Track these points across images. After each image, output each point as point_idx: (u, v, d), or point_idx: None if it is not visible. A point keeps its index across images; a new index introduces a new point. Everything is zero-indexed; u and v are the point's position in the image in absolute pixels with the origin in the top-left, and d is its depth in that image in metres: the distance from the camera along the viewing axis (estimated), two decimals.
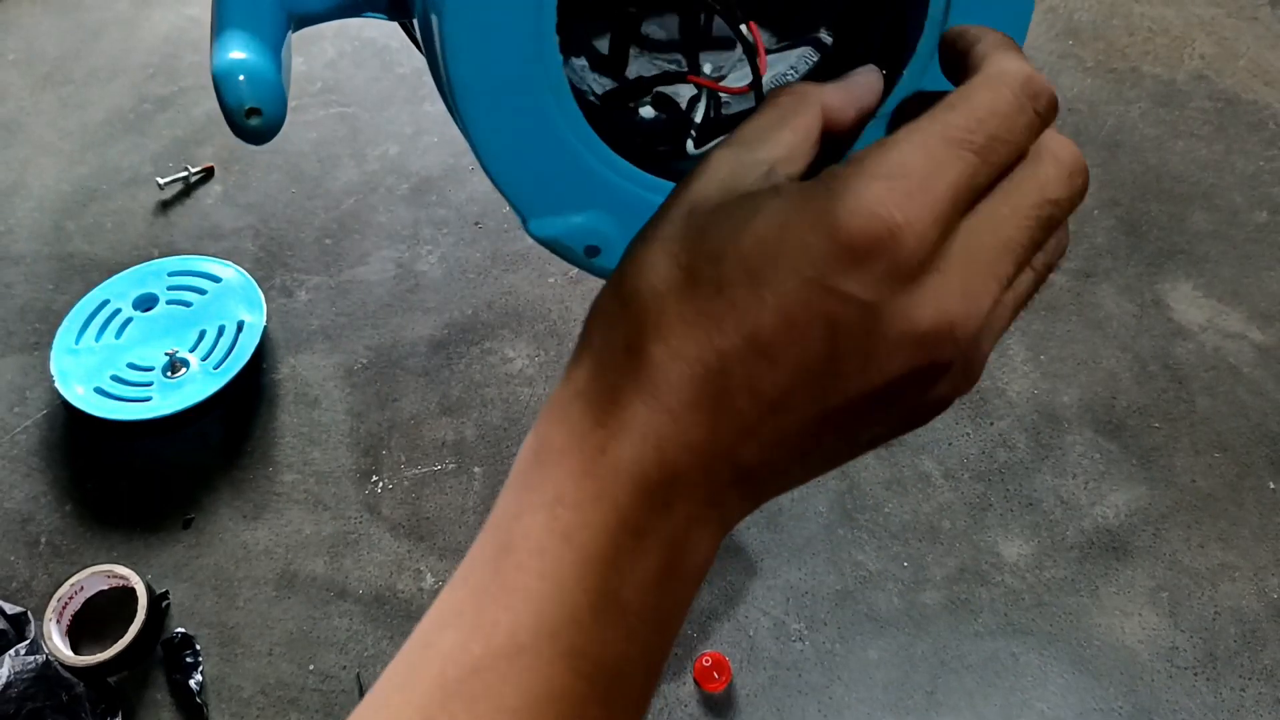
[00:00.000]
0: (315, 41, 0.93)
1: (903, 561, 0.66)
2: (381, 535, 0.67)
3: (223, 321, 0.75)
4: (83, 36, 0.95)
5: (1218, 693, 0.61)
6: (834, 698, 0.61)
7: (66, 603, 0.63)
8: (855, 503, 0.68)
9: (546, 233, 0.34)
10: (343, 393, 0.73)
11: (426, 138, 0.86)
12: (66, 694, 0.58)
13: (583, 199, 0.35)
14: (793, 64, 0.40)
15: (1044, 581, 0.65)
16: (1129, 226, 0.80)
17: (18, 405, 0.73)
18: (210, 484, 0.69)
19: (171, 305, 0.76)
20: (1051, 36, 0.91)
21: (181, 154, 0.86)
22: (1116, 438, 0.70)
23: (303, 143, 0.87)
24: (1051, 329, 0.75)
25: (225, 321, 0.75)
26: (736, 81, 0.39)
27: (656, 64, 0.41)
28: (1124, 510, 0.67)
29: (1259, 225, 0.79)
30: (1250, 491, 0.68)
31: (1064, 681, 0.61)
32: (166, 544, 0.67)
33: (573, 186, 0.35)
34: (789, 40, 0.41)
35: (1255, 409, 0.71)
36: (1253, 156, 0.83)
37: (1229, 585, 0.64)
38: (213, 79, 0.32)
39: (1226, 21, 0.90)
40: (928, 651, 0.62)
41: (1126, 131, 0.85)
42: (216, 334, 0.74)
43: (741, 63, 0.39)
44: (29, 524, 0.68)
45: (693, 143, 0.38)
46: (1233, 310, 0.75)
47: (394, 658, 0.23)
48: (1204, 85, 0.87)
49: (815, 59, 0.39)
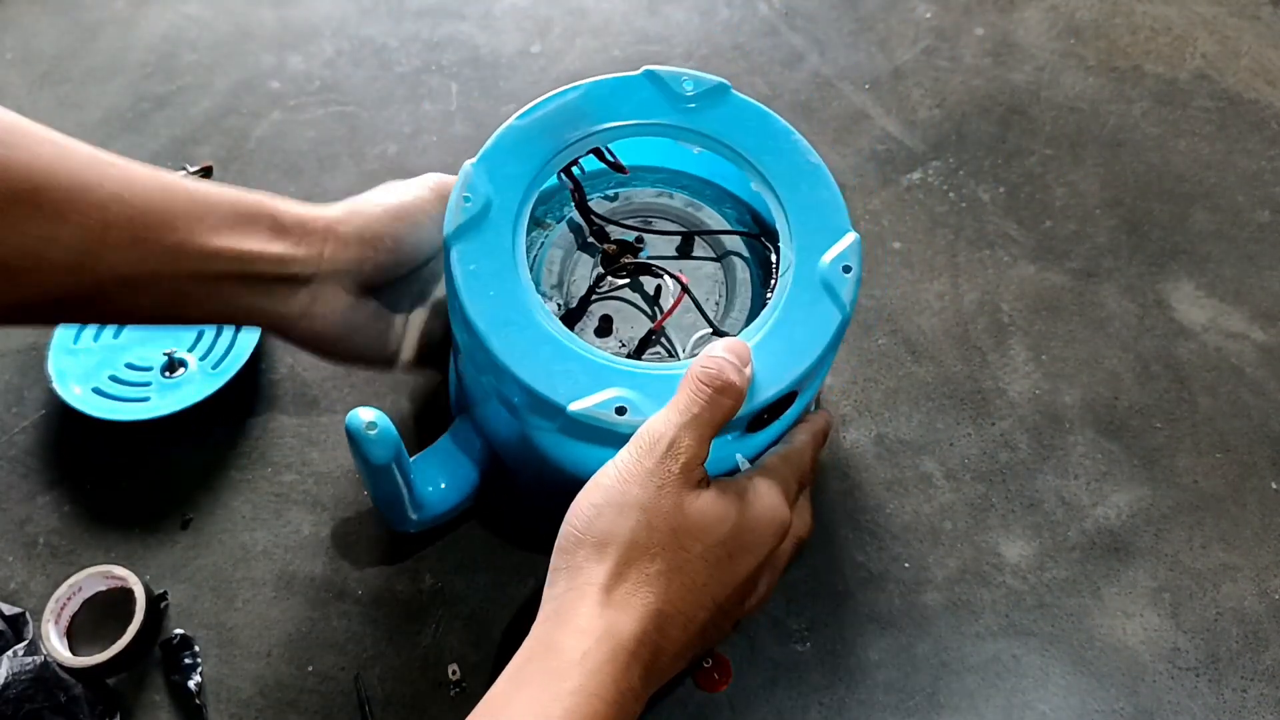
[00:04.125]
0: (313, 40, 0.93)
1: (904, 562, 0.65)
2: (381, 536, 0.67)
3: None
4: (80, 35, 0.95)
5: (1220, 694, 0.61)
6: (835, 698, 0.61)
7: (64, 604, 0.63)
8: (856, 504, 0.68)
9: (580, 411, 0.48)
10: (342, 393, 0.73)
11: (426, 137, 0.86)
12: (65, 695, 0.58)
13: (598, 383, 0.50)
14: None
15: (1045, 582, 0.65)
16: (1131, 226, 0.80)
17: (15, 405, 0.73)
18: (209, 485, 0.69)
19: None
20: (1053, 36, 0.91)
21: (180, 153, 0.86)
22: (1118, 438, 0.70)
23: (301, 141, 0.86)
24: (1053, 329, 0.75)
25: None
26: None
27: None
28: (1126, 511, 0.67)
29: (1261, 225, 0.79)
30: (1252, 492, 0.68)
31: (1065, 682, 0.61)
32: (165, 545, 0.67)
33: (590, 377, 0.50)
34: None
35: (1258, 409, 0.71)
36: (1255, 156, 0.82)
37: (1231, 586, 0.64)
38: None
39: (1229, 21, 0.90)
40: (929, 652, 0.62)
41: (1128, 130, 0.85)
42: (215, 333, 0.73)
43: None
44: (27, 525, 0.68)
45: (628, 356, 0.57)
46: (1235, 310, 0.75)
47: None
48: (1206, 84, 0.87)
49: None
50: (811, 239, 0.55)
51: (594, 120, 0.58)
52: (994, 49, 0.90)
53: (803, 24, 0.93)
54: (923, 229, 0.80)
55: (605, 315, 0.59)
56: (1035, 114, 0.86)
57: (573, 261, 0.61)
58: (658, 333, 0.58)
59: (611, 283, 0.60)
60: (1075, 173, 0.82)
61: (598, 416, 0.48)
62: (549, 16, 0.95)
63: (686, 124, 0.58)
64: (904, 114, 0.87)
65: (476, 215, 0.53)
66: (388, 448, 0.51)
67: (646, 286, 0.60)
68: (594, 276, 0.60)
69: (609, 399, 0.48)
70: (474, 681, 0.62)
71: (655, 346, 0.58)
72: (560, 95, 0.58)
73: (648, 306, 0.60)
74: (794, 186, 0.56)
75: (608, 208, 0.63)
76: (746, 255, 0.61)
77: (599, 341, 0.58)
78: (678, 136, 0.59)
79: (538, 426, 0.51)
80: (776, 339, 0.52)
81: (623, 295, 0.60)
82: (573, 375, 0.49)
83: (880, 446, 0.70)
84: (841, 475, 0.69)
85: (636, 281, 0.60)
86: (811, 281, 0.53)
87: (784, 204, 0.56)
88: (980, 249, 0.79)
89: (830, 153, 0.85)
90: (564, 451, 0.53)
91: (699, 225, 0.62)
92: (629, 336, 0.58)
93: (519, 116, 0.57)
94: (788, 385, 0.50)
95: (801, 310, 0.52)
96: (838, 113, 0.87)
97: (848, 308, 0.53)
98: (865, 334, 0.75)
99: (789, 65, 0.90)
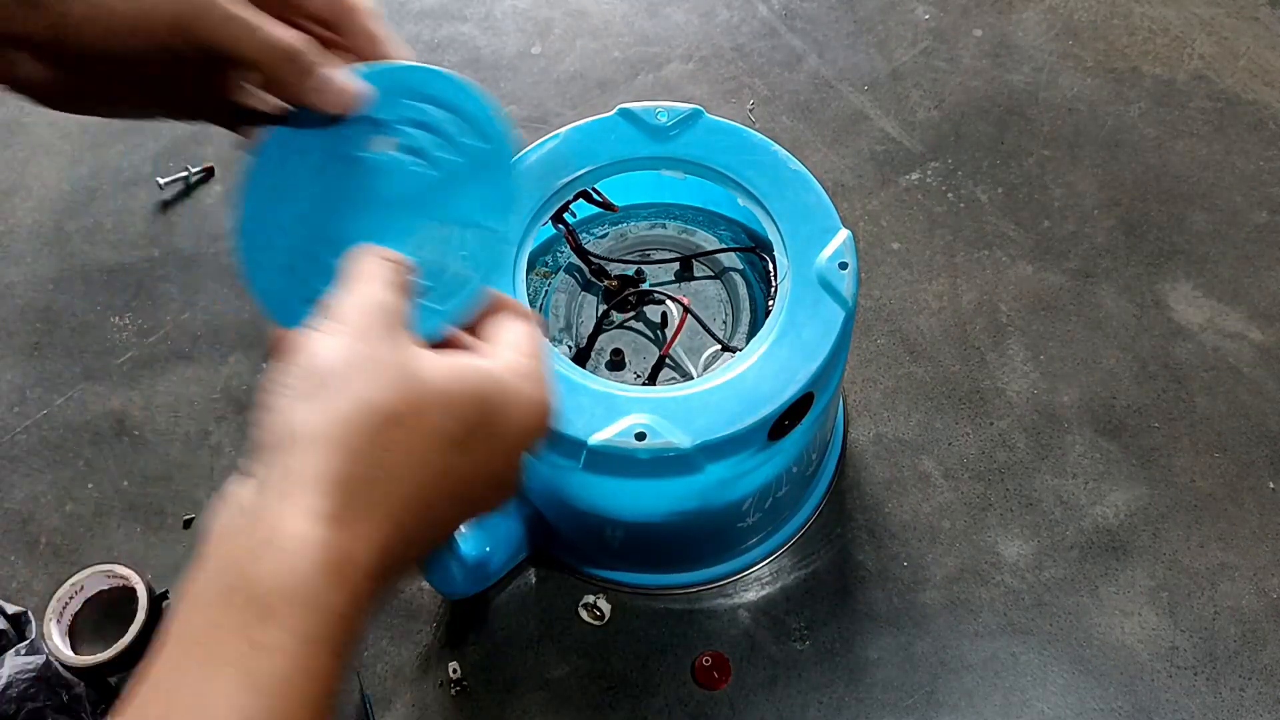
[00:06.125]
0: None
1: (902, 561, 0.66)
2: None
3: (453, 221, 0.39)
4: None
5: (1217, 692, 0.61)
6: (834, 696, 0.61)
7: (67, 603, 0.63)
8: (855, 503, 0.68)
9: (601, 443, 0.49)
10: None
11: None
12: (67, 694, 0.58)
13: (615, 414, 0.51)
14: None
15: (1044, 581, 0.65)
16: (1129, 226, 0.80)
17: (18, 405, 0.74)
18: (210, 484, 0.70)
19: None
20: (1051, 37, 0.91)
21: (181, 154, 0.86)
22: (1116, 438, 0.70)
23: None
24: (1051, 329, 0.75)
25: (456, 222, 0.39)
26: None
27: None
28: (1124, 510, 0.67)
29: (1259, 225, 0.79)
30: (1250, 491, 0.68)
31: (1064, 681, 0.61)
32: (167, 544, 0.67)
33: (606, 408, 0.51)
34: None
35: (1255, 409, 0.71)
36: (1253, 156, 0.83)
37: (1229, 585, 0.64)
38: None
39: (1226, 21, 0.90)
40: (927, 651, 0.62)
41: (1126, 131, 0.85)
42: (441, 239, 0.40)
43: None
44: (29, 524, 0.68)
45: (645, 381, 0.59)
46: (1233, 310, 0.75)
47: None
48: (1204, 85, 0.87)
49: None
50: (805, 243, 0.55)
51: (576, 165, 0.59)
52: (992, 50, 0.90)
53: (802, 25, 0.93)
54: (921, 229, 0.80)
55: (616, 349, 0.60)
56: (1033, 115, 0.86)
57: (578, 303, 0.62)
58: (667, 357, 0.59)
59: (618, 317, 0.61)
60: (1073, 173, 0.83)
61: (619, 445, 0.49)
62: (549, 18, 0.95)
63: (666, 153, 0.59)
64: (903, 115, 0.87)
65: None
66: None
67: (652, 315, 0.62)
68: (599, 313, 0.61)
69: (627, 426, 0.49)
70: (475, 680, 0.62)
71: (668, 371, 0.59)
72: (539, 146, 0.59)
73: (655, 334, 0.61)
74: (780, 196, 0.57)
75: (605, 246, 0.64)
76: (745, 270, 0.62)
77: (613, 376, 0.59)
78: (659, 166, 0.60)
79: (563, 466, 0.52)
80: (785, 343, 0.52)
81: (631, 327, 0.61)
82: (588, 410, 0.50)
83: (879, 446, 0.70)
84: (839, 474, 0.69)
85: (641, 312, 0.62)
86: (811, 283, 0.54)
87: (772, 214, 0.57)
88: (979, 249, 0.79)
89: (829, 153, 0.85)
90: (591, 490, 0.54)
91: (695, 249, 0.64)
92: (642, 367, 0.60)
93: None
94: (803, 387, 0.51)
95: (805, 312, 0.53)
96: (837, 114, 0.87)
97: (849, 303, 0.53)
98: (864, 334, 0.75)
99: (788, 67, 0.91)
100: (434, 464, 0.30)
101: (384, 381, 0.30)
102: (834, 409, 0.62)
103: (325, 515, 0.28)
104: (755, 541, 0.64)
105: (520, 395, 0.33)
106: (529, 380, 0.34)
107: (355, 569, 0.28)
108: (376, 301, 0.32)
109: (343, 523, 0.28)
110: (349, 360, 0.30)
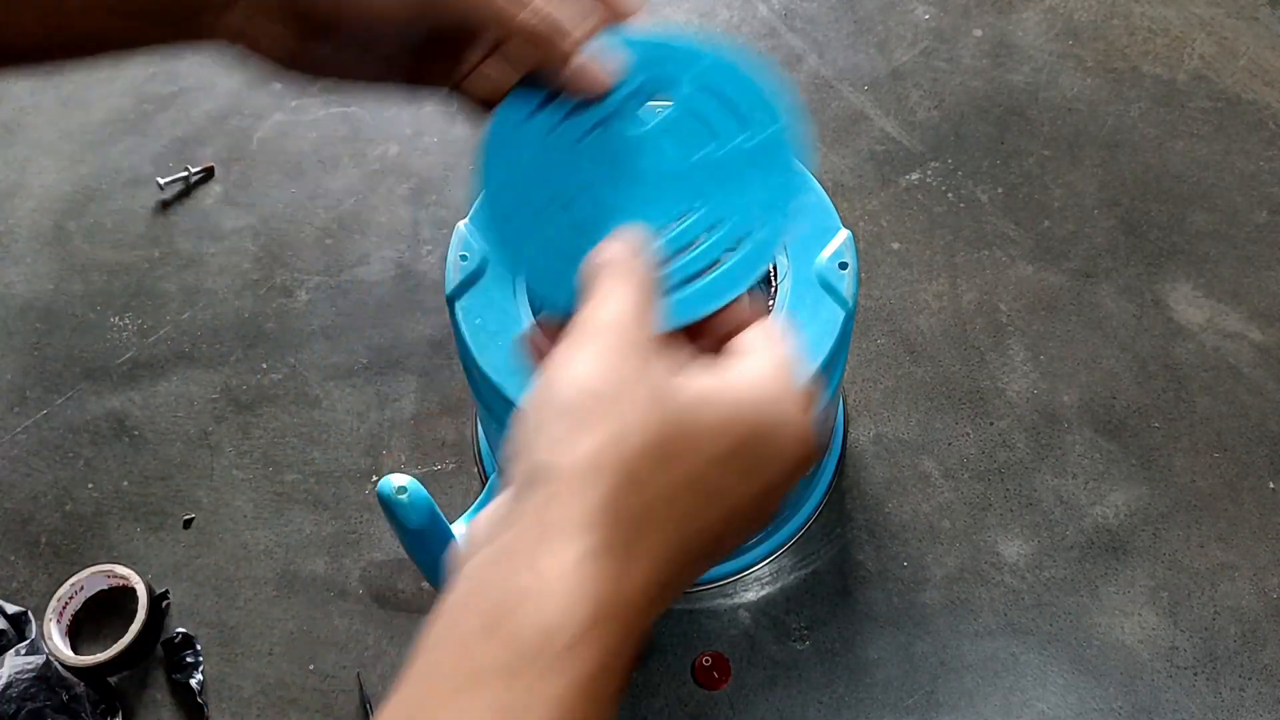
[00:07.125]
0: None
1: (902, 561, 0.66)
2: (382, 535, 0.67)
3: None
4: None
5: (1217, 692, 0.61)
6: (834, 696, 0.61)
7: (67, 602, 0.63)
8: (855, 503, 0.68)
9: None
10: (343, 393, 0.73)
11: (426, 138, 0.86)
12: (67, 694, 0.59)
13: None
14: None
15: (1044, 581, 0.65)
16: (1129, 226, 0.80)
17: (18, 405, 0.74)
18: (210, 484, 0.70)
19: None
20: (1051, 37, 0.91)
21: (182, 154, 0.86)
22: (1116, 438, 0.70)
23: (303, 142, 0.87)
24: (1051, 329, 0.75)
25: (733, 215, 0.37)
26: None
27: None
28: (1124, 510, 0.67)
29: (1259, 225, 0.79)
30: (1250, 491, 0.68)
31: (1064, 681, 0.61)
32: (167, 544, 0.67)
33: None
34: None
35: (1255, 409, 0.71)
36: (1253, 156, 0.83)
37: (1229, 585, 0.64)
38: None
39: (1226, 21, 0.90)
40: (928, 651, 0.62)
41: (1126, 131, 0.85)
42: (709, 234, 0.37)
43: None
44: (29, 524, 0.68)
45: None
46: (1232, 310, 0.75)
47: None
48: (1204, 85, 0.87)
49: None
50: (805, 244, 0.55)
51: None
52: (992, 50, 0.90)
53: (802, 25, 0.93)
54: (921, 229, 0.80)
55: None
56: (1033, 115, 0.86)
57: None
58: None
59: None
60: (1073, 173, 0.83)
61: None
62: None
63: None
64: (903, 115, 0.87)
65: (475, 271, 0.55)
66: (421, 512, 0.50)
67: None
68: None
69: None
70: None
71: None
72: None
73: None
74: None
75: None
76: None
77: None
78: None
79: None
80: None
81: None
82: None
83: (879, 446, 0.70)
84: (840, 474, 0.69)
85: None
86: (811, 283, 0.54)
87: None
88: (978, 249, 0.79)
89: (829, 153, 0.85)
90: None
91: None
92: None
93: None
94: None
95: (805, 312, 0.53)
96: (837, 114, 0.87)
97: (849, 302, 0.53)
98: (864, 334, 0.75)
99: (788, 67, 0.91)
100: (703, 493, 0.29)
101: (648, 407, 0.28)
102: (834, 409, 0.61)
103: (597, 553, 0.26)
104: (755, 541, 0.64)
105: (786, 420, 0.30)
106: (794, 405, 0.31)
107: (629, 608, 0.26)
108: (633, 310, 0.30)
109: (615, 560, 0.26)
110: (610, 384, 0.28)
